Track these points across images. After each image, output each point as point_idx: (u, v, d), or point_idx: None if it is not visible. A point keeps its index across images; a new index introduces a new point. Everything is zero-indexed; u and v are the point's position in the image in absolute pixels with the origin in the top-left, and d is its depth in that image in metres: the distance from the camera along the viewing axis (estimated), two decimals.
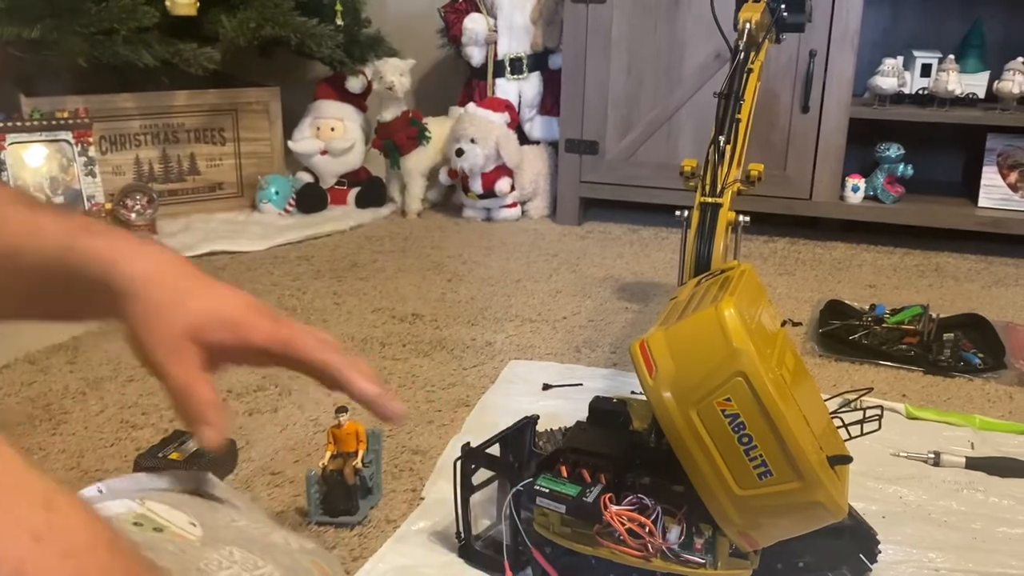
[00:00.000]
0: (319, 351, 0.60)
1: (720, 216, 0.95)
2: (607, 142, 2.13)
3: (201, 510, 0.51)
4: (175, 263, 0.60)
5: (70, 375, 1.27)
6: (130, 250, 0.58)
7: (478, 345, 1.41)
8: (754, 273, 0.79)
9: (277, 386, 1.24)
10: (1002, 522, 0.94)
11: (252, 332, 0.59)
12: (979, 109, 1.98)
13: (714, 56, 2.00)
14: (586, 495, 0.72)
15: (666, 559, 0.71)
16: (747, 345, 0.64)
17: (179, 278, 0.59)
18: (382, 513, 0.94)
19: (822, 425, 0.74)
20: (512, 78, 2.35)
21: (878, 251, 2.02)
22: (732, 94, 1.09)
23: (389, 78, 2.18)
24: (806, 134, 1.98)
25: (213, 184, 2.20)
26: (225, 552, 0.47)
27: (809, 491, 0.65)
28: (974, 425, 1.15)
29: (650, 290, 1.73)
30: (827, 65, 1.93)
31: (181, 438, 1.02)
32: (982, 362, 1.33)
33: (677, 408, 0.66)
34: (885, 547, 0.84)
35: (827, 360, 1.37)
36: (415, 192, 2.26)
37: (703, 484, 0.67)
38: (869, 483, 1.00)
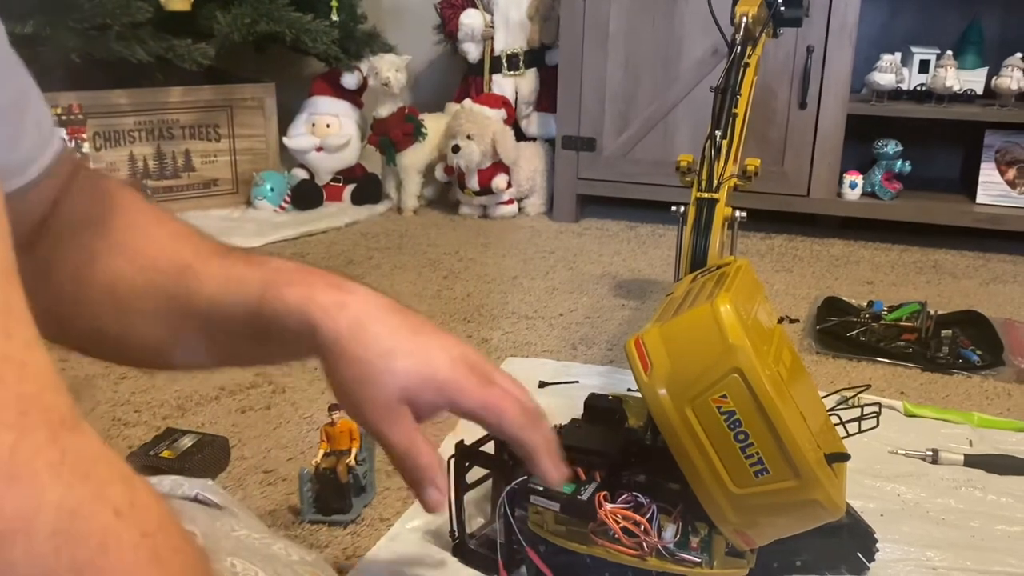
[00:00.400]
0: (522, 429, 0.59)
1: (716, 212, 0.95)
2: (604, 139, 2.12)
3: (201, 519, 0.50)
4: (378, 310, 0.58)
5: (62, 372, 1.26)
6: (330, 302, 0.56)
7: (474, 342, 1.41)
8: (750, 269, 0.78)
9: (271, 383, 1.23)
10: (1000, 520, 0.93)
11: (461, 396, 0.58)
12: (977, 105, 1.98)
13: (712, 51, 1.99)
14: (580, 493, 0.71)
15: (661, 558, 0.70)
16: (743, 342, 0.64)
17: (384, 330, 0.57)
18: (376, 511, 0.93)
19: (819, 422, 0.73)
20: (509, 74, 2.34)
21: (876, 248, 2.01)
22: (728, 89, 1.08)
23: (385, 74, 2.17)
24: (804, 130, 1.98)
25: (208, 181, 2.19)
26: (226, 564, 0.46)
27: (806, 489, 0.64)
28: (972, 422, 1.14)
29: (647, 287, 1.72)
30: (825, 61, 1.93)
31: (173, 436, 1.01)
32: (980, 359, 1.32)
33: (672, 405, 0.65)
34: (883, 545, 0.84)
35: (825, 357, 1.37)
36: (411, 189, 2.25)
37: (699, 482, 0.66)
38: (867, 481, 0.99)
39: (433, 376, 0.57)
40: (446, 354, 0.59)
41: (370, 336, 0.56)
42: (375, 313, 0.58)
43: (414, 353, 0.57)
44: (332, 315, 0.56)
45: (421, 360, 0.57)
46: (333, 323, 0.56)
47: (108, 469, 0.33)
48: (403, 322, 0.59)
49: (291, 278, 0.57)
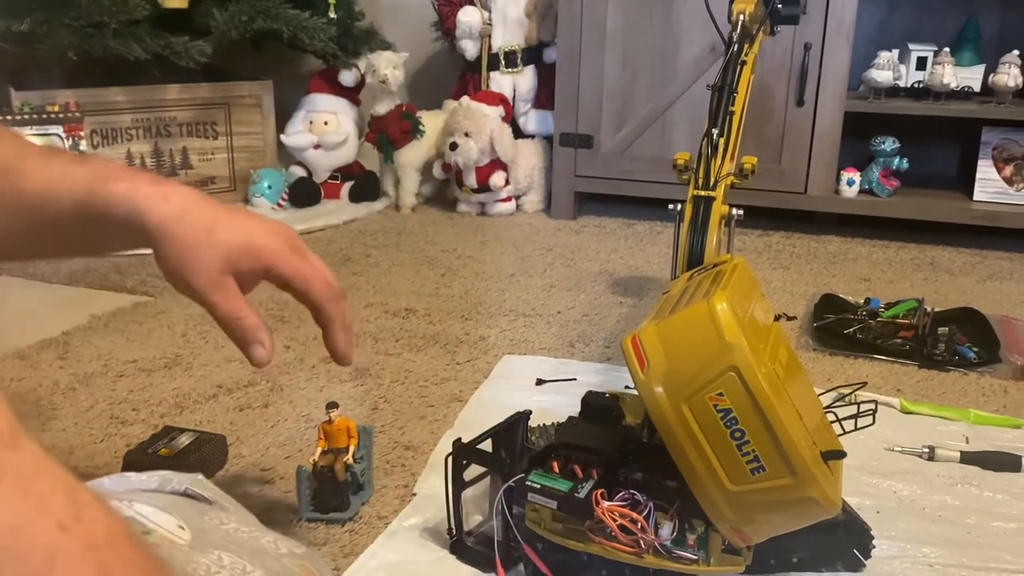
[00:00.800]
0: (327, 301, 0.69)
1: (713, 209, 0.95)
2: (602, 136, 2.12)
3: (190, 513, 0.50)
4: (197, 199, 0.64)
5: (60, 371, 1.26)
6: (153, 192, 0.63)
7: (471, 340, 1.41)
8: (747, 267, 0.78)
9: (268, 381, 1.24)
10: (996, 517, 0.93)
11: (276, 262, 0.66)
12: (974, 102, 1.98)
13: (709, 49, 1.99)
14: (577, 491, 0.71)
15: (658, 555, 0.70)
16: (739, 339, 0.64)
17: (204, 212, 0.64)
18: (373, 509, 0.93)
19: (816, 420, 0.73)
20: (506, 71, 2.34)
21: (873, 245, 2.01)
22: (725, 87, 1.08)
23: (383, 71, 2.17)
24: (801, 128, 1.98)
25: (205, 178, 2.19)
26: (214, 556, 0.46)
27: (802, 486, 0.64)
28: (969, 419, 1.14)
29: (645, 284, 1.72)
30: (822, 58, 1.93)
31: (171, 434, 1.01)
32: (977, 356, 1.33)
33: (669, 403, 0.65)
34: (879, 542, 0.84)
35: (822, 354, 1.37)
36: (409, 186, 2.25)
37: (695, 479, 0.66)
38: (863, 478, 1.00)
39: (251, 244, 0.65)
40: (262, 227, 0.66)
41: (192, 218, 0.63)
42: (195, 200, 0.65)
43: (233, 227, 0.64)
44: (157, 204, 0.63)
45: (240, 232, 0.65)
46: (158, 210, 0.63)
47: (51, 483, 0.32)
48: (220, 207, 0.66)
49: (116, 174, 0.64)
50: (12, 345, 1.33)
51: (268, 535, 0.51)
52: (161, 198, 0.63)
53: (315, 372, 1.27)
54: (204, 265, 0.63)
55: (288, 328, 1.44)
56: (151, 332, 1.42)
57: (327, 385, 1.23)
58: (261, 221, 0.67)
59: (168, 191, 0.64)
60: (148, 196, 0.63)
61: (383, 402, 1.18)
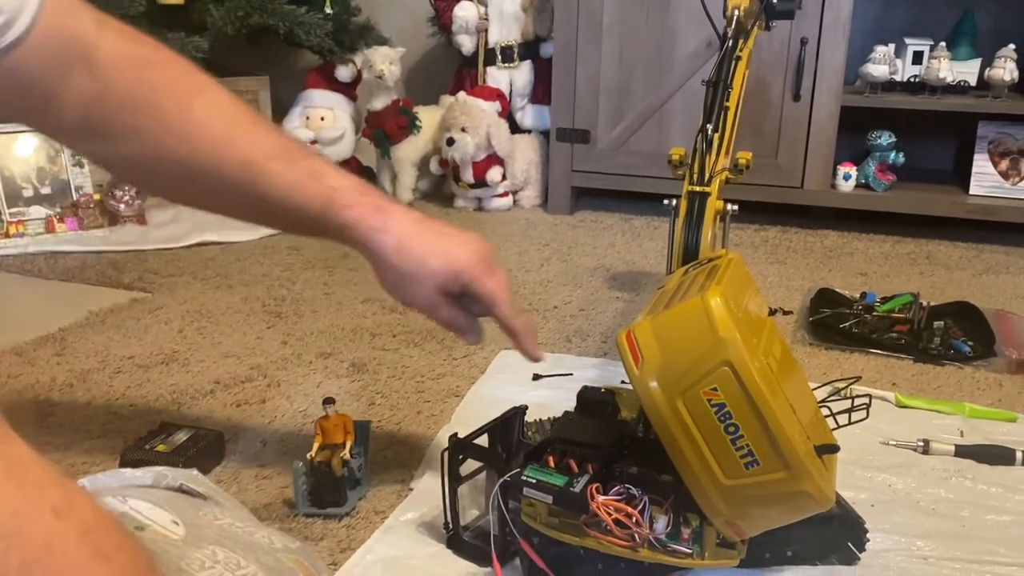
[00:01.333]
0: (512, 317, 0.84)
1: (708, 205, 0.95)
2: (598, 131, 2.12)
3: (184, 508, 0.50)
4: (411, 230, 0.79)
5: (57, 367, 1.27)
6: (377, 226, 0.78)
7: None
8: (741, 262, 0.79)
9: (265, 377, 1.24)
10: (990, 510, 0.94)
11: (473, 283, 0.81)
12: (970, 97, 1.98)
13: (706, 44, 1.99)
14: (573, 485, 0.71)
15: (653, 549, 0.70)
16: (733, 334, 0.64)
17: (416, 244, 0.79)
18: (370, 504, 0.93)
19: (810, 414, 0.74)
20: (503, 67, 2.34)
21: (869, 239, 2.02)
22: (720, 82, 1.08)
23: (379, 67, 2.17)
24: (797, 122, 1.98)
25: None
26: (208, 552, 0.46)
27: (796, 480, 0.64)
28: (963, 413, 1.15)
29: (641, 279, 1.72)
30: (818, 53, 1.93)
31: (168, 431, 1.02)
32: (972, 350, 1.33)
33: (663, 398, 0.66)
34: (873, 535, 0.84)
35: (817, 348, 1.37)
36: (406, 182, 2.25)
37: (690, 474, 0.67)
38: (859, 472, 1.00)
39: (455, 271, 0.80)
40: (464, 250, 0.81)
41: (407, 250, 0.79)
42: (410, 231, 0.79)
43: (440, 254, 0.80)
44: (380, 237, 0.78)
45: (446, 259, 0.80)
46: (380, 243, 0.79)
47: (43, 473, 0.33)
48: (431, 232, 0.81)
49: (347, 199, 0.78)
50: (9, 341, 1.34)
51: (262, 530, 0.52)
52: (383, 231, 0.78)
53: (312, 368, 1.27)
54: (419, 291, 0.81)
55: (285, 324, 1.44)
56: (148, 328, 1.42)
57: (324, 381, 1.23)
58: (463, 242, 0.81)
59: (389, 223, 0.79)
60: (373, 229, 0.78)
61: (380, 397, 1.19)
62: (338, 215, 0.77)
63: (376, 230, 0.78)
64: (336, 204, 0.77)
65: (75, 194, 1.94)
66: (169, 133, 0.74)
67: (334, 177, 0.79)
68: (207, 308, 1.51)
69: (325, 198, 0.77)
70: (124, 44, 0.74)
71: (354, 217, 0.77)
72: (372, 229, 0.78)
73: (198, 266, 1.75)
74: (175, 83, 0.76)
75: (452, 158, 2.15)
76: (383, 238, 0.78)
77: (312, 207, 0.77)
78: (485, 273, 0.81)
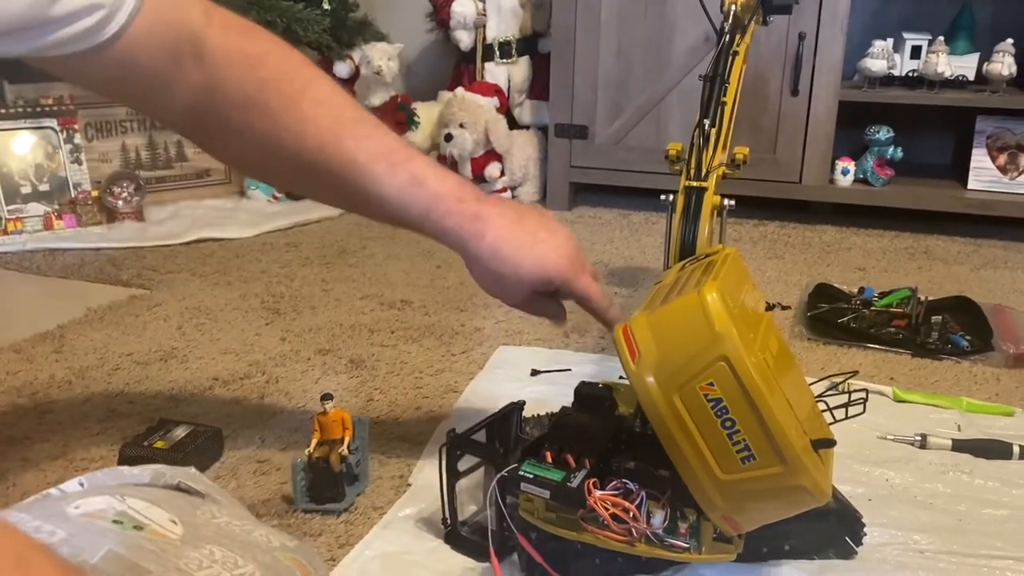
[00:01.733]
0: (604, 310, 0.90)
1: (705, 200, 0.95)
2: (597, 127, 2.12)
3: (182, 507, 0.50)
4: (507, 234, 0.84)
5: (56, 364, 1.27)
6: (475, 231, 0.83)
7: (467, 331, 1.41)
8: (738, 257, 0.79)
9: (264, 373, 1.24)
10: (987, 504, 0.94)
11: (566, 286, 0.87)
12: (969, 91, 1.98)
13: (704, 39, 1.99)
14: (570, 480, 0.71)
15: (650, 544, 0.70)
16: (730, 330, 0.64)
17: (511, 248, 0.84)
18: (368, 500, 0.94)
19: (806, 409, 0.74)
20: (501, 62, 2.34)
21: (868, 234, 2.02)
22: (717, 77, 1.08)
23: (377, 63, 2.17)
24: (796, 117, 1.98)
25: (201, 171, 2.19)
26: (206, 551, 0.46)
27: (792, 475, 0.64)
28: (961, 407, 1.15)
29: (640, 275, 1.72)
30: (816, 48, 1.93)
31: (166, 427, 1.02)
32: (970, 344, 1.33)
33: (660, 393, 0.66)
34: (870, 529, 0.85)
35: (815, 343, 1.37)
36: None
37: (686, 469, 0.67)
38: (856, 466, 1.00)
39: (546, 276, 0.85)
40: (556, 255, 0.86)
41: (502, 255, 0.84)
42: (506, 236, 0.84)
43: (533, 259, 0.84)
44: (476, 242, 0.84)
45: (539, 265, 0.85)
46: (476, 248, 0.84)
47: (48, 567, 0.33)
48: (526, 236, 0.85)
49: (448, 207, 0.83)
50: (8, 339, 1.34)
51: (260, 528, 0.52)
52: (480, 237, 0.83)
53: (310, 364, 1.27)
54: (512, 292, 0.87)
55: (283, 321, 1.44)
56: (147, 325, 1.42)
57: (322, 377, 1.23)
58: (555, 244, 0.86)
59: (485, 229, 0.83)
60: (471, 234, 0.83)
61: (378, 393, 1.19)
62: (438, 223, 0.83)
63: (472, 236, 0.83)
64: (436, 212, 0.82)
65: (73, 191, 1.94)
66: (278, 129, 0.78)
67: (435, 181, 0.83)
68: (205, 305, 1.51)
69: (425, 205, 0.82)
70: (233, 38, 0.77)
71: (452, 225, 0.83)
72: (469, 235, 0.83)
73: (196, 263, 1.75)
74: (284, 81, 0.79)
75: (450, 154, 2.15)
76: (478, 244, 0.83)
77: (413, 211, 0.83)
78: (576, 275, 0.87)
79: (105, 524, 0.45)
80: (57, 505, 0.47)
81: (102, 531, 0.45)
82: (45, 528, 0.43)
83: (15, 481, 0.96)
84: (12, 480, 0.96)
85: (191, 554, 0.45)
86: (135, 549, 0.44)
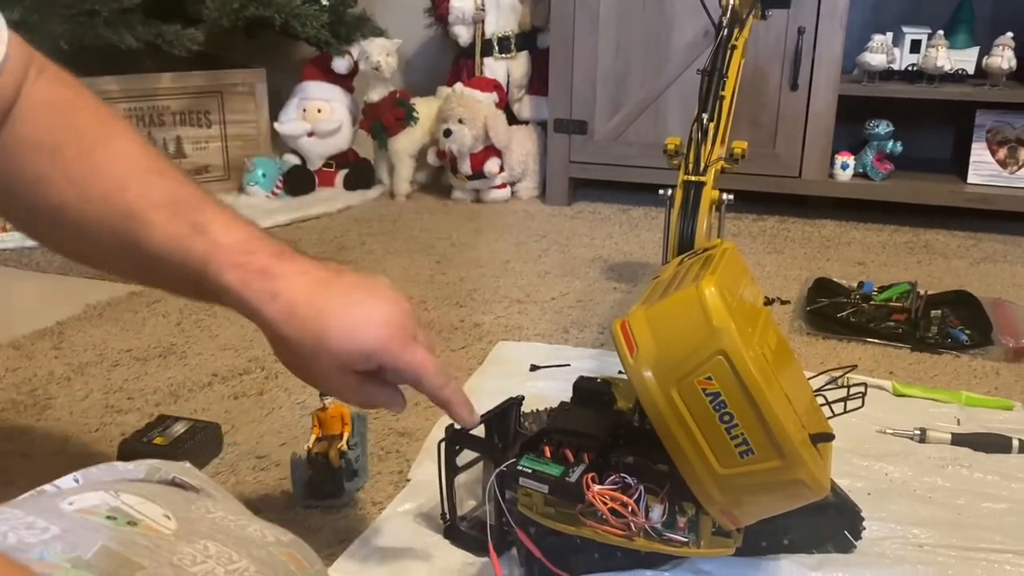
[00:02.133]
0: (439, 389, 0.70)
1: (703, 194, 0.95)
2: (596, 122, 2.12)
3: (176, 502, 0.50)
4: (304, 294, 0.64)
5: (55, 360, 1.27)
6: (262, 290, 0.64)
7: (466, 327, 1.41)
8: (736, 252, 0.79)
9: (263, 369, 1.24)
10: (986, 497, 0.94)
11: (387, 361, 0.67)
12: (968, 85, 1.98)
13: (703, 33, 1.99)
14: (568, 475, 0.71)
15: (649, 538, 0.71)
16: (728, 324, 0.64)
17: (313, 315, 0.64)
18: (368, 495, 0.94)
19: (805, 403, 0.74)
20: (500, 57, 2.33)
21: (867, 228, 2.01)
22: (715, 71, 1.08)
23: (376, 58, 2.16)
24: (795, 112, 1.98)
25: (200, 167, 2.19)
26: (200, 546, 0.46)
27: (790, 469, 0.64)
28: (960, 401, 1.15)
29: (639, 270, 1.72)
30: (816, 42, 1.92)
31: (165, 423, 1.02)
32: (969, 338, 1.33)
33: (658, 387, 0.66)
34: (869, 523, 0.85)
35: (815, 338, 1.37)
36: (403, 174, 2.25)
37: (685, 463, 0.67)
38: (856, 460, 1.00)
39: (362, 349, 0.65)
40: (373, 324, 0.66)
41: (300, 321, 0.64)
42: (304, 297, 0.64)
43: (343, 329, 0.65)
44: (265, 303, 0.63)
45: (350, 336, 0.65)
46: (267, 311, 0.64)
47: None
48: (331, 298, 0.65)
49: (228, 257, 0.64)
50: (7, 335, 1.34)
51: (255, 523, 0.52)
52: (270, 298, 0.64)
53: None
54: (320, 368, 0.66)
55: None
56: (146, 321, 1.42)
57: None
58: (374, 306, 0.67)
59: (277, 288, 0.64)
60: (258, 294, 0.63)
61: None
62: (216, 278, 0.63)
63: (261, 297, 0.63)
64: (214, 263, 0.63)
65: None
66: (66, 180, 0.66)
67: (220, 230, 0.65)
68: None
69: (202, 257, 0.64)
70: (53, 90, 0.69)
71: (234, 281, 0.63)
72: (257, 295, 0.63)
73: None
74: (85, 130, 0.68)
75: (449, 150, 2.14)
76: (269, 305, 0.63)
77: (192, 266, 0.64)
78: (403, 347, 0.67)
79: (99, 520, 0.45)
80: (51, 501, 0.47)
81: (96, 527, 0.45)
82: (39, 524, 0.43)
83: (14, 477, 0.96)
84: (11, 476, 0.96)
85: (185, 549, 0.45)
86: (129, 545, 0.43)
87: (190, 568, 0.44)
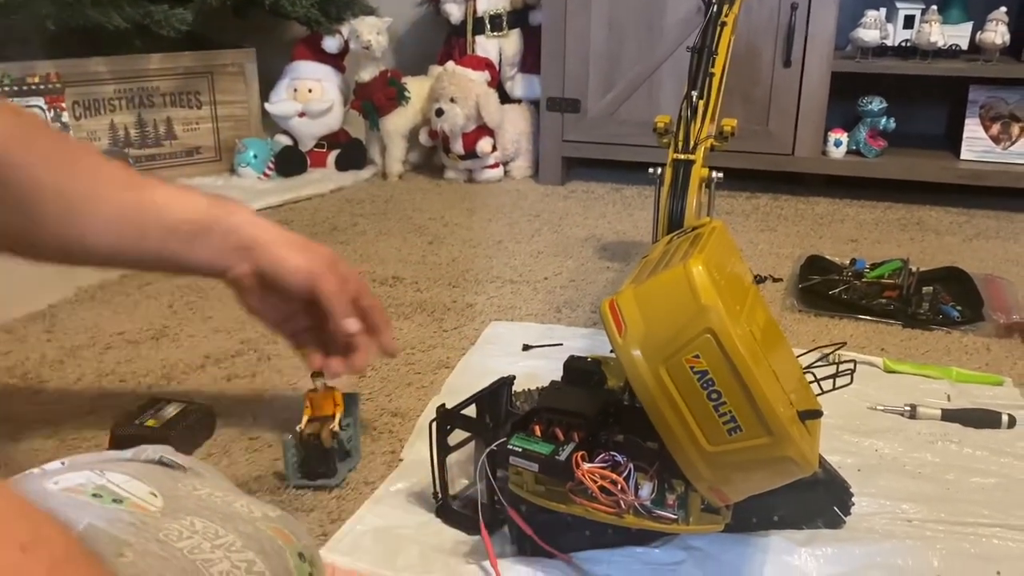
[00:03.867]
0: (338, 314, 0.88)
1: (693, 173, 0.95)
2: (589, 100, 2.11)
3: (162, 480, 0.50)
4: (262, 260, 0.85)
5: (47, 344, 1.26)
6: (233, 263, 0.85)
7: (459, 307, 1.41)
8: (725, 230, 0.79)
9: (255, 351, 1.24)
10: (975, 472, 0.95)
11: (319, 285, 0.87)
12: (962, 61, 1.97)
13: (696, 10, 1.97)
14: (558, 454, 0.72)
15: (638, 515, 0.71)
16: (715, 302, 0.64)
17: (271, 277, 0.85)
18: (360, 475, 0.94)
19: (793, 380, 0.74)
20: (492, 35, 2.31)
21: (860, 205, 2.01)
22: (705, 48, 1.07)
23: (366, 37, 2.15)
24: (788, 89, 1.97)
25: (190, 148, 2.18)
26: (186, 523, 0.47)
27: (778, 446, 0.65)
28: (951, 377, 1.15)
29: (632, 249, 1.72)
30: (809, 18, 1.91)
31: (157, 405, 1.02)
32: (960, 315, 1.34)
33: (646, 366, 0.66)
34: (859, 499, 0.85)
35: (807, 315, 1.37)
36: (395, 154, 2.24)
37: (673, 440, 0.67)
38: (846, 437, 1.01)
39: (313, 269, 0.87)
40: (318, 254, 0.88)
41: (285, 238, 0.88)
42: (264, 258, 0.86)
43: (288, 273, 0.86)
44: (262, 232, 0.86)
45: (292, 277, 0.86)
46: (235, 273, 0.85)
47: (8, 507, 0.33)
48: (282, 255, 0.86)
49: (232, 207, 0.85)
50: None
51: (242, 499, 0.52)
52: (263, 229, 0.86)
53: None
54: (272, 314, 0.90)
55: None
56: (138, 304, 1.42)
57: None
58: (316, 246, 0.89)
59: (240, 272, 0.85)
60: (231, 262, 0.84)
61: (370, 369, 1.19)
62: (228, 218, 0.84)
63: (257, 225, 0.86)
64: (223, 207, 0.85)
65: None
66: None
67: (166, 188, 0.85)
68: (197, 283, 1.50)
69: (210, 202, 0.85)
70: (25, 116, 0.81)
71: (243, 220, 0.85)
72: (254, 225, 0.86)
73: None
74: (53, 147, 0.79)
75: (442, 129, 2.13)
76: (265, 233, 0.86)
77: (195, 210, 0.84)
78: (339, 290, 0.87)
79: (84, 498, 0.45)
80: (37, 482, 0.47)
81: (81, 505, 0.45)
82: None
83: (6, 461, 0.96)
84: (4, 460, 0.96)
85: (171, 526, 0.45)
86: (114, 522, 0.44)
87: (176, 544, 0.44)
